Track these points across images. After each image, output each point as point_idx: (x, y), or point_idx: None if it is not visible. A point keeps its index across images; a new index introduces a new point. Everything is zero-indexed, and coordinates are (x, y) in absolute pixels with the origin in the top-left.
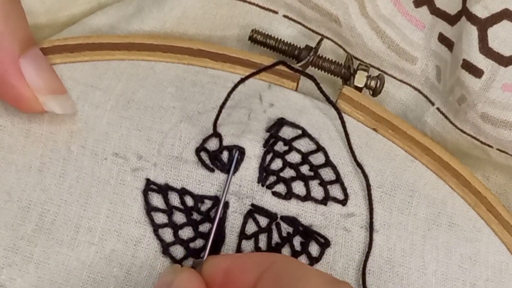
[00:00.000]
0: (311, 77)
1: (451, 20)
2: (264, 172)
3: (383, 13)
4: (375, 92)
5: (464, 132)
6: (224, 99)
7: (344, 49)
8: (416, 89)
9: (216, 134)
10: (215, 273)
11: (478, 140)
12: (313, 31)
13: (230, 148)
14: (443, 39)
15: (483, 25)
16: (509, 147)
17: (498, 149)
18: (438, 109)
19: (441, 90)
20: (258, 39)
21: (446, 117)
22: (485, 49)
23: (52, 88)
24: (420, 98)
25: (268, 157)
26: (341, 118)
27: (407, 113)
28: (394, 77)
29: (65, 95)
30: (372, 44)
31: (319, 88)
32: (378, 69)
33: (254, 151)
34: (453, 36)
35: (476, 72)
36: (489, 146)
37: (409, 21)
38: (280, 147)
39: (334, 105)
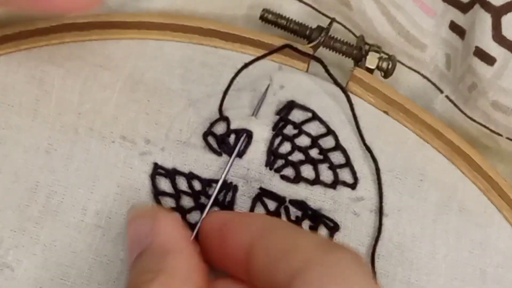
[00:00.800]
0: (319, 60)
1: (464, 8)
2: (272, 156)
3: None
4: (387, 73)
5: (474, 120)
6: (228, 83)
7: (353, 33)
8: (424, 77)
9: (223, 117)
10: (212, 228)
11: (487, 128)
12: (323, 14)
13: (237, 132)
14: (455, 27)
15: (497, 12)
16: None
17: (507, 138)
18: (447, 97)
19: (450, 78)
20: (269, 19)
21: (455, 104)
22: (499, 37)
23: None
24: (428, 86)
25: (277, 141)
26: (349, 101)
27: (415, 100)
28: (403, 64)
29: None
30: (382, 29)
31: (327, 71)
32: (385, 54)
33: (262, 134)
34: (465, 24)
35: (489, 59)
36: (498, 134)
37: (420, 7)
38: (289, 130)
39: (342, 89)
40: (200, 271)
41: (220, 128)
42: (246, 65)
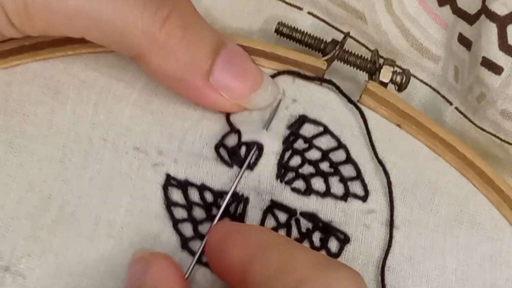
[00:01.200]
0: (329, 82)
1: (471, 19)
2: (283, 169)
3: (409, 11)
4: (401, 87)
5: (484, 130)
6: None
7: (366, 47)
8: (434, 89)
9: (234, 130)
10: (214, 240)
11: (497, 137)
12: (336, 28)
13: (248, 144)
14: (462, 39)
15: (503, 22)
16: None
17: None
18: (456, 108)
19: (459, 89)
20: (284, 32)
21: (465, 115)
22: (505, 46)
23: (251, 86)
24: (438, 99)
25: (287, 154)
26: (363, 117)
27: (425, 113)
28: (415, 77)
29: (264, 83)
30: (396, 41)
31: (340, 91)
32: (399, 67)
33: (273, 148)
34: (472, 35)
35: (496, 69)
36: (509, 143)
37: (433, 19)
38: (299, 144)
39: (356, 105)
40: None
41: (231, 141)
42: None
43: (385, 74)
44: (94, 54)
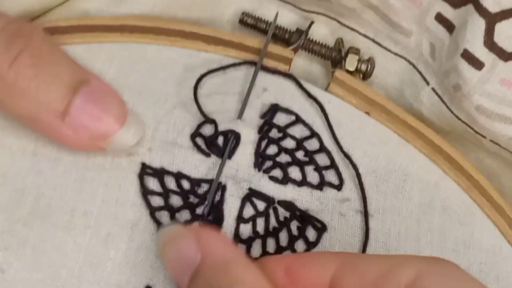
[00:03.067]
0: (290, 76)
1: (454, 2)
2: (260, 158)
3: None
4: (366, 75)
5: (459, 119)
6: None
7: (338, 21)
8: (411, 63)
9: (210, 120)
10: (275, 271)
11: (472, 129)
12: (304, 10)
13: (225, 133)
14: (442, 20)
15: (492, 19)
16: (502, 140)
17: (491, 140)
18: (433, 89)
19: (436, 69)
20: (249, 22)
21: (441, 99)
22: (490, 43)
23: (111, 127)
24: (415, 74)
25: (263, 143)
26: (323, 111)
27: (403, 88)
28: (389, 50)
29: (127, 124)
30: (365, 15)
31: (301, 87)
32: (373, 40)
33: (249, 137)
34: (455, 19)
35: (477, 64)
36: (482, 136)
37: None
38: (274, 134)
39: (316, 100)
40: (265, 278)
41: (207, 130)
42: (205, 74)
43: (351, 63)
44: (62, 46)
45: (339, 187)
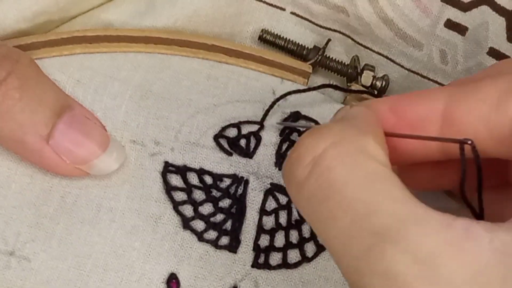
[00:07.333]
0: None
1: (464, 7)
2: (281, 158)
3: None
4: (380, 91)
5: None
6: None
7: (352, 39)
8: (424, 77)
9: (233, 124)
10: (379, 109)
11: None
12: (320, 26)
13: (247, 136)
14: (452, 25)
15: (511, 15)
16: None
17: None
18: None
19: (449, 71)
20: (268, 39)
21: None
22: None
23: (94, 152)
24: (429, 85)
25: (285, 145)
26: None
27: None
28: (402, 66)
29: (109, 149)
30: (379, 31)
31: (339, 88)
32: (386, 57)
33: (270, 139)
34: (467, 21)
35: (504, 58)
36: None
37: (417, 7)
38: (295, 137)
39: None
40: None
41: (230, 133)
42: (288, 94)
43: (366, 79)
44: (89, 54)
45: None
